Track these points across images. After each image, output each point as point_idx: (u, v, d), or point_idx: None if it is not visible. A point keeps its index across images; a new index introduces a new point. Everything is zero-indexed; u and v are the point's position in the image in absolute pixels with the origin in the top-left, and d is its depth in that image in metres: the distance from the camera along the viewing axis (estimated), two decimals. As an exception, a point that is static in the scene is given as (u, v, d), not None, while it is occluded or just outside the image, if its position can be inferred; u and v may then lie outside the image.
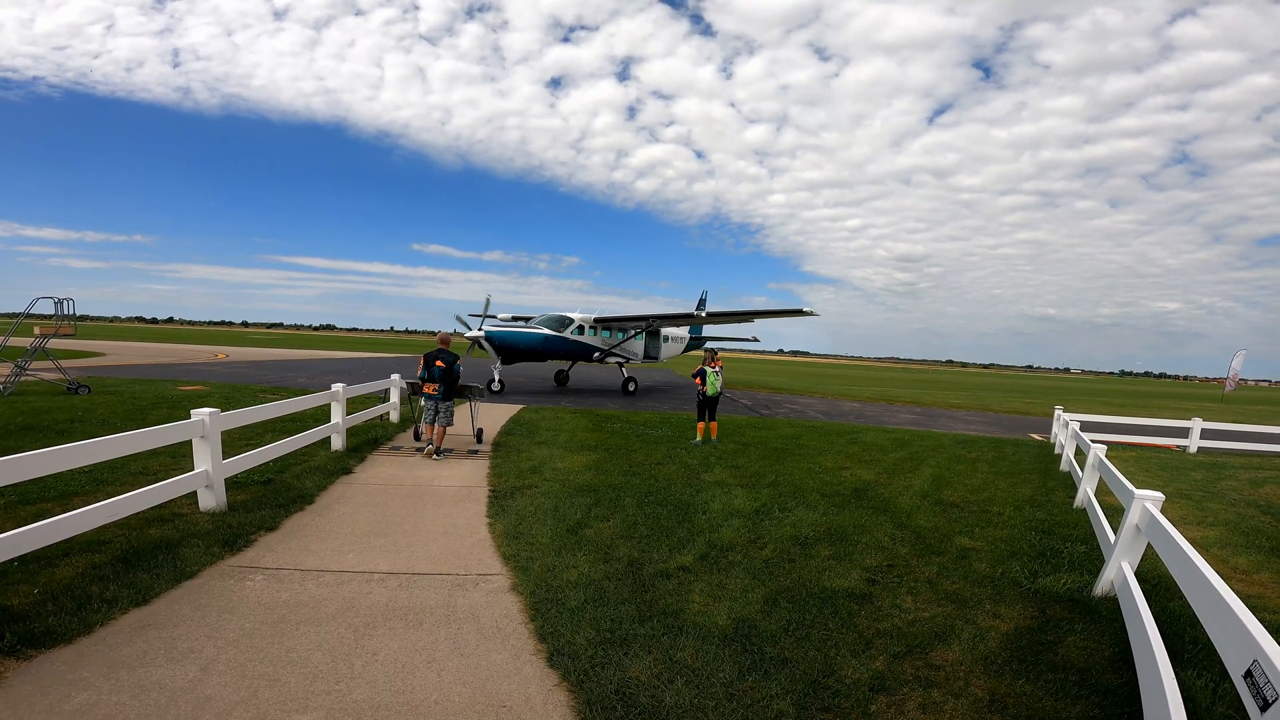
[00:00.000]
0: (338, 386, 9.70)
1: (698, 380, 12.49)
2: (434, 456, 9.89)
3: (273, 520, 6.25)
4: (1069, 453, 11.83)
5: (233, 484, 7.22)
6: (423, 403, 10.33)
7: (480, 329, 20.55)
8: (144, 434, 5.43)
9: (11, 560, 4.44)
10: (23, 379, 15.35)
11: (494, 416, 15.19)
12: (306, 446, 9.38)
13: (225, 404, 14.71)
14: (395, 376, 13.14)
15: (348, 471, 8.59)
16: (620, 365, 25.11)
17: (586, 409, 18.15)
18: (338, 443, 9.68)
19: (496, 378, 21.06)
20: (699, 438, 12.57)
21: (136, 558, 5.05)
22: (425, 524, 6.59)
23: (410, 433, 11.97)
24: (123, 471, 7.58)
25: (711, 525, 7.02)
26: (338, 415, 9.63)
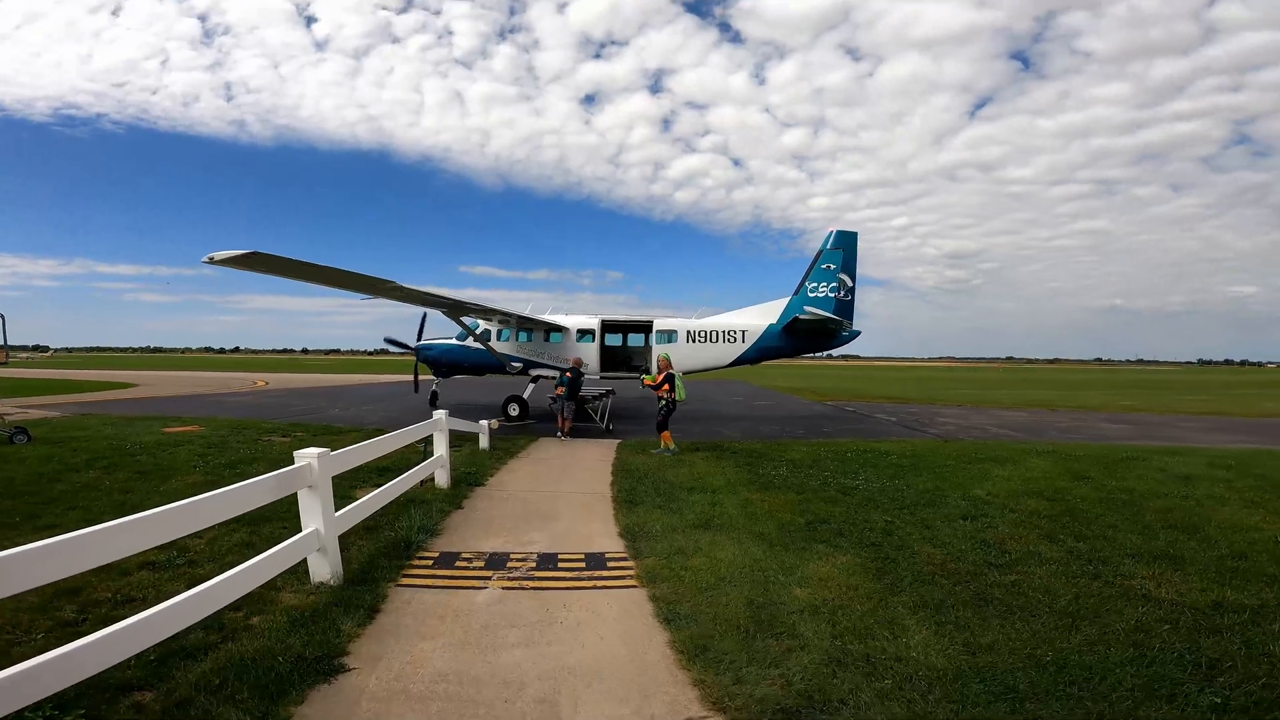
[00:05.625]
0: (309, 457, 4.37)
1: (666, 388, 11.45)
2: (560, 437, 12.72)
3: None
4: None
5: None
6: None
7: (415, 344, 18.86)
8: None
9: None
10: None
11: (587, 467, 10.05)
12: (270, 573, 4.28)
13: (207, 451, 10.13)
14: (440, 415, 7.95)
15: (330, 669, 3.44)
16: (533, 381, 17.50)
17: (701, 440, 12.86)
18: (322, 570, 4.48)
19: (433, 388, 18.86)
20: (671, 446, 11.10)
21: None
22: None
23: (457, 538, 6.88)
24: None
25: None
26: (314, 521, 4.37)
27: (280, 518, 5.74)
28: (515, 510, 6.94)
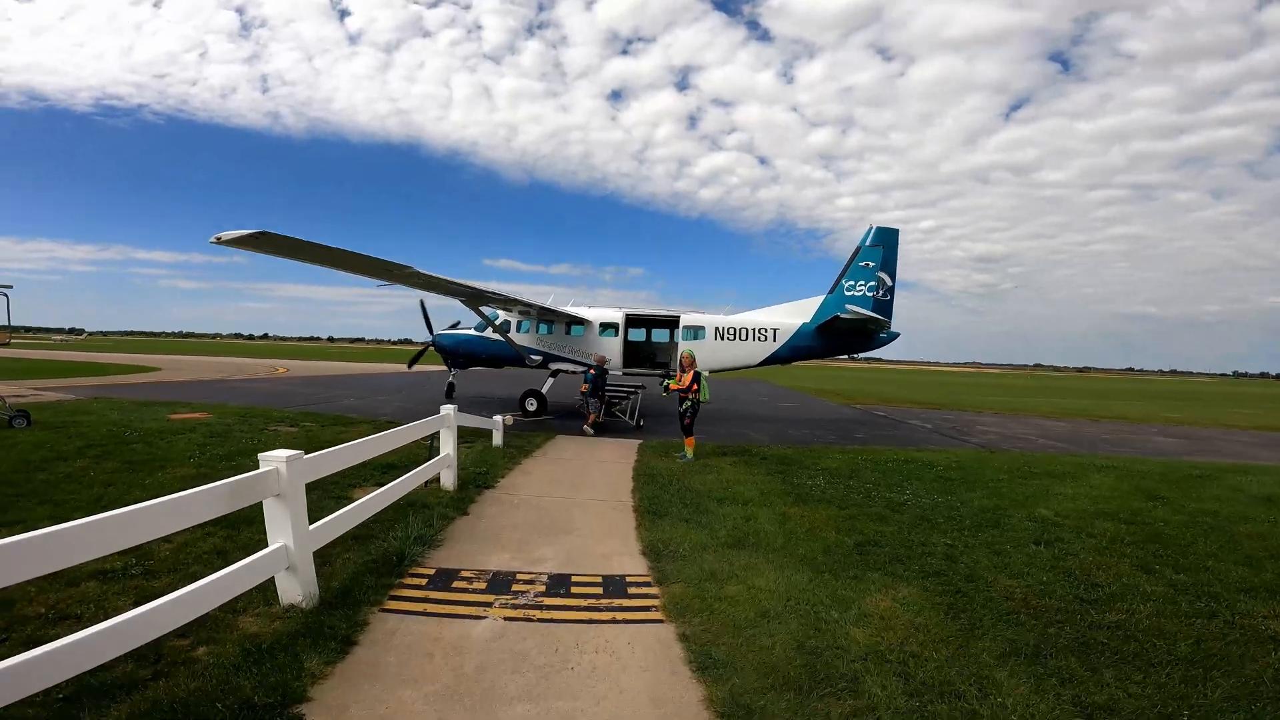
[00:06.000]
0: (275, 461, 3.64)
1: (695, 387, 10.27)
2: (585, 428, 12.65)
3: None
4: None
5: None
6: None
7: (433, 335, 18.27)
8: None
9: None
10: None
11: (606, 471, 9.38)
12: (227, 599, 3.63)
13: (208, 440, 9.64)
14: (448, 410, 7.28)
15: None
16: (552, 375, 16.69)
17: (727, 443, 12.11)
18: (291, 591, 3.77)
19: (449, 379, 18.36)
20: (690, 453, 10.10)
21: None
22: None
23: (461, 553, 6.20)
24: None
25: None
26: (282, 535, 3.67)
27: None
28: (526, 519, 6.24)
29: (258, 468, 3.62)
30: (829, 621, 4.04)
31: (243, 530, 5.11)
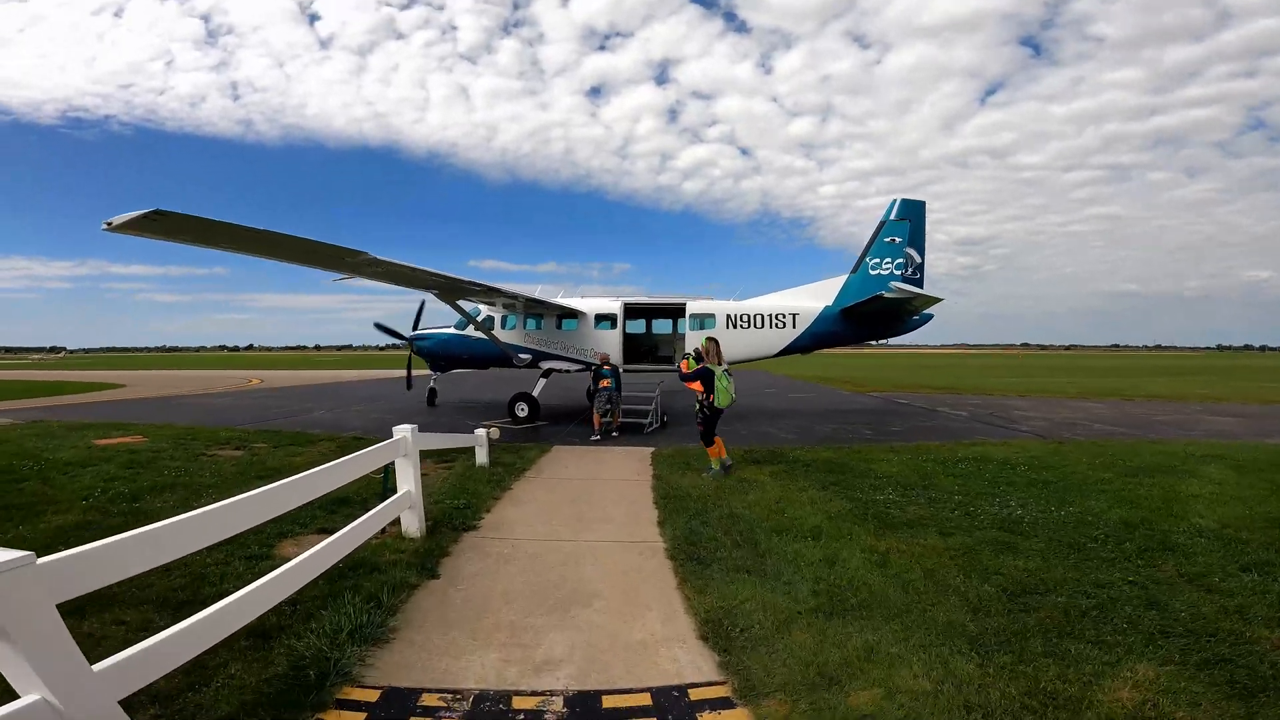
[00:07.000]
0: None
1: (696, 386, 8.19)
2: (593, 437, 11.60)
3: None
4: None
5: None
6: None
7: (410, 334, 17.01)
8: None
9: None
10: None
11: (619, 493, 7.63)
12: None
13: (122, 472, 7.83)
14: (403, 431, 5.11)
15: None
16: (544, 375, 14.71)
17: (754, 445, 10.39)
18: None
19: (430, 385, 17.55)
20: (715, 465, 8.08)
21: None
22: None
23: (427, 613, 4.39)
24: None
25: None
26: (33, 686, 1.67)
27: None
28: (521, 581, 4.38)
29: (161, 506, 1.82)
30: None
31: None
